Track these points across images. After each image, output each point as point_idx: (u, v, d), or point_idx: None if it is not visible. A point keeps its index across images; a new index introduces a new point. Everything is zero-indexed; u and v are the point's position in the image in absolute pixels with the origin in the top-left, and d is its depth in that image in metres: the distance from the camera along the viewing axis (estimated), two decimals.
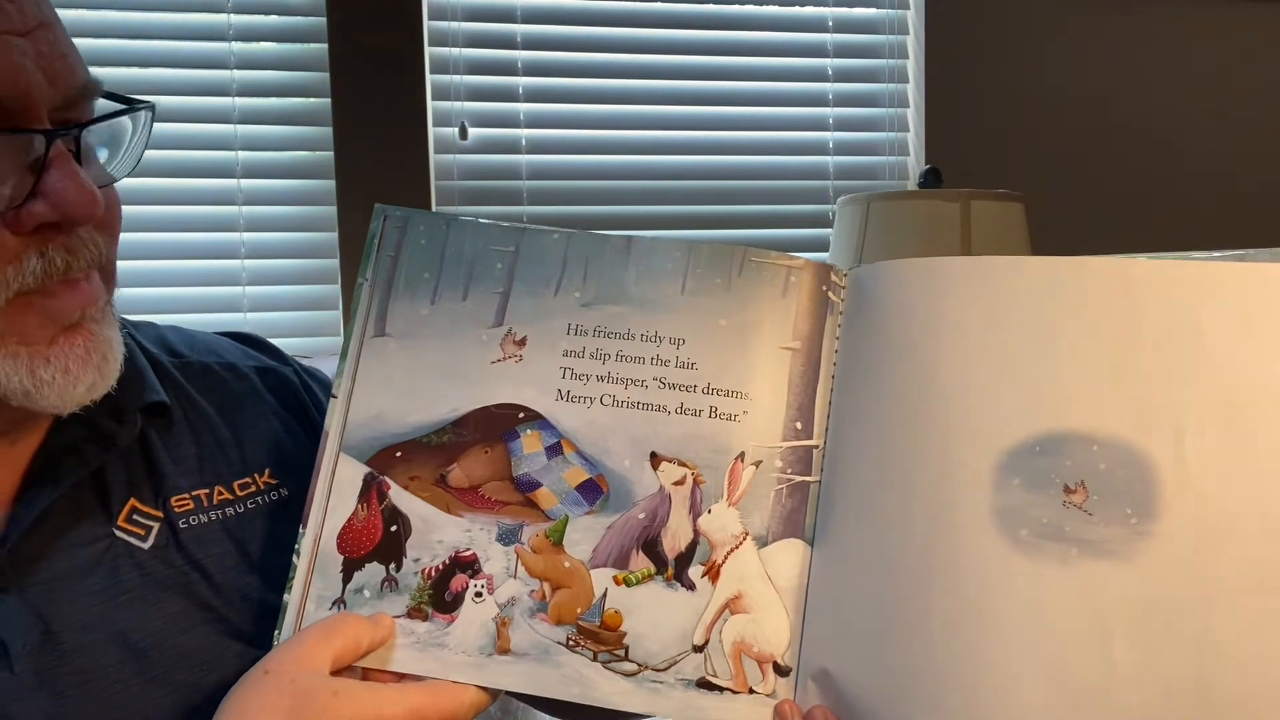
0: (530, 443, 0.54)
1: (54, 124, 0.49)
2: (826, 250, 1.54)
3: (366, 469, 0.54)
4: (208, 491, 0.59)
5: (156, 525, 0.57)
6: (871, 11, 1.71)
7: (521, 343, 0.55)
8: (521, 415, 0.54)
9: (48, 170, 0.48)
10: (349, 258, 1.52)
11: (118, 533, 0.56)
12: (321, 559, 0.53)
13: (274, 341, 0.71)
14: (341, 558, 0.53)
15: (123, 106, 0.53)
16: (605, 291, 0.55)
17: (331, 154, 1.52)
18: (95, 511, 0.56)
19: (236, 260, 1.52)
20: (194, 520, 0.58)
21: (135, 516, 0.57)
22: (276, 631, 0.52)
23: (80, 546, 0.54)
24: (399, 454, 0.54)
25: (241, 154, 1.52)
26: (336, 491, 0.54)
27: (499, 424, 0.54)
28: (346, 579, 0.53)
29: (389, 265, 0.56)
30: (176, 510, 0.58)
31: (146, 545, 0.56)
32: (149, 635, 0.54)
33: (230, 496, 0.60)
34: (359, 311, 0.55)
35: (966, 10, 1.70)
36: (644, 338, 0.54)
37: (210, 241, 1.52)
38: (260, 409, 0.65)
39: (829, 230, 1.58)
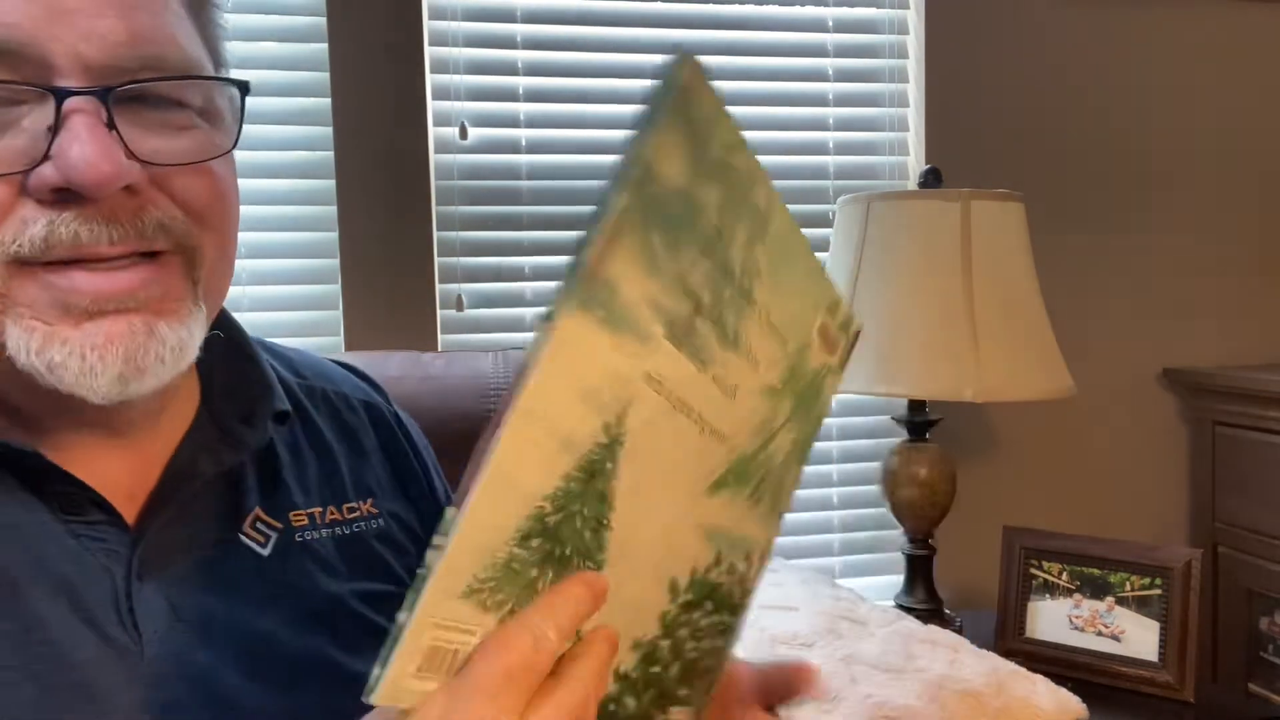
0: None
1: (97, 88, 0.47)
2: (826, 250, 1.54)
3: None
4: (321, 510, 0.63)
5: (275, 535, 0.60)
6: (871, 11, 1.71)
7: None
8: None
9: (60, 132, 0.46)
10: (349, 258, 1.52)
11: (242, 537, 0.58)
12: None
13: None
14: None
15: (168, 75, 0.50)
16: None
17: (331, 154, 1.52)
18: (224, 514, 0.58)
19: (236, 260, 1.52)
20: (308, 535, 0.61)
21: (258, 524, 0.59)
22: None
23: (208, 546, 0.57)
24: None
25: (241, 154, 1.51)
26: None
27: None
28: None
29: None
30: (294, 524, 0.61)
31: (266, 552, 0.59)
32: (263, 637, 0.56)
33: (339, 518, 0.63)
34: None
35: (966, 10, 1.70)
36: None
37: None
38: (366, 442, 0.68)
39: (829, 230, 1.58)
